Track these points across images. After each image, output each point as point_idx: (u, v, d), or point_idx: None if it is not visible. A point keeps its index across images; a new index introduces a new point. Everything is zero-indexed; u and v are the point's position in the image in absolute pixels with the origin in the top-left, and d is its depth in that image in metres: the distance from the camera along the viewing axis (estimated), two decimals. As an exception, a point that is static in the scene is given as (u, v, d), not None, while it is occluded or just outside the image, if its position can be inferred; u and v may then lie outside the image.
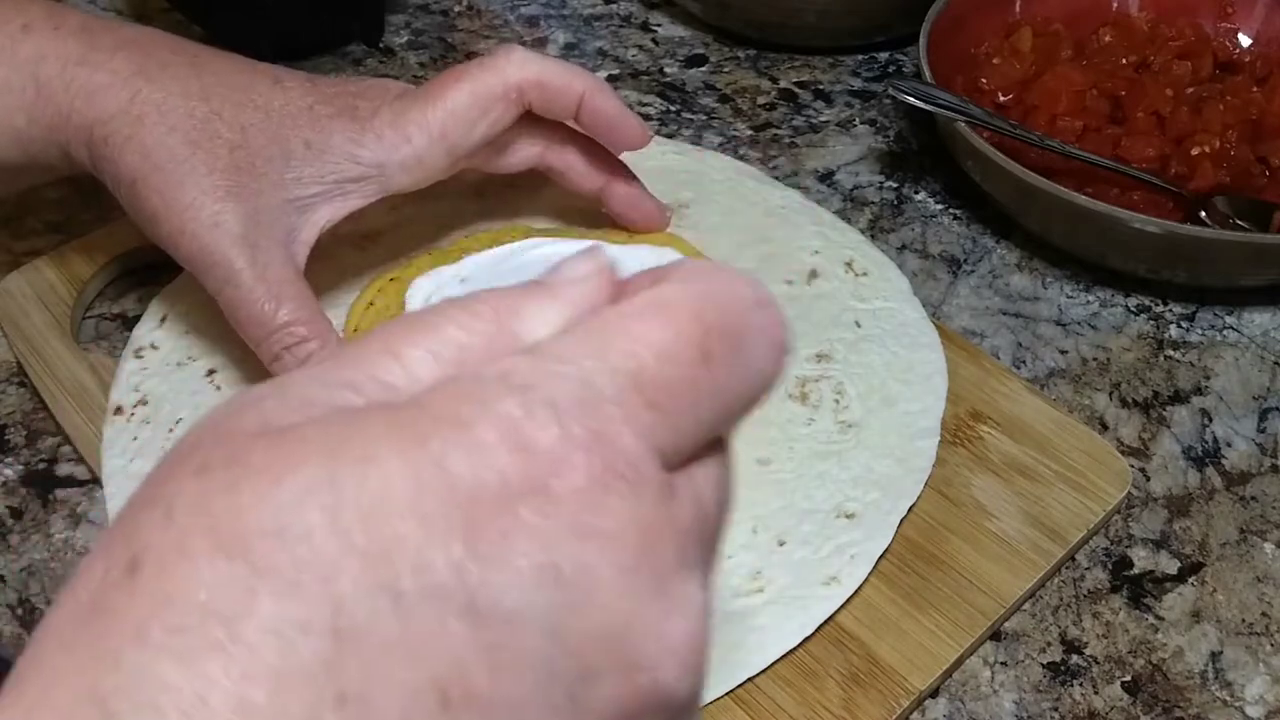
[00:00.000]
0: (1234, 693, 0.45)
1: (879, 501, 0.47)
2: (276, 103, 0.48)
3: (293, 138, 0.47)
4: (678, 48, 0.75)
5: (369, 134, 0.48)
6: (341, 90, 0.49)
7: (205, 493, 0.20)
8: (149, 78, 0.47)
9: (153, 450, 0.49)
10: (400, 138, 0.48)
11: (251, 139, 0.47)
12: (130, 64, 0.47)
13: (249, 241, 0.46)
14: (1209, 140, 0.62)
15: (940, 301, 0.59)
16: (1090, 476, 0.49)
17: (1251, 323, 0.59)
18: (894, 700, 0.43)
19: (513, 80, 0.49)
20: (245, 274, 0.46)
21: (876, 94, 0.72)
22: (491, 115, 0.49)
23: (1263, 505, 0.51)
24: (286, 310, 0.46)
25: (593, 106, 0.51)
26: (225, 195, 0.46)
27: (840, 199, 0.65)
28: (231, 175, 0.46)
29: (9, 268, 0.57)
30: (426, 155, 0.49)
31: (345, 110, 0.48)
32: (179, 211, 0.46)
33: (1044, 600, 0.47)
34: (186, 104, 0.46)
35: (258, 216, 0.46)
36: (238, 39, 0.72)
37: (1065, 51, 0.67)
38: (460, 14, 0.78)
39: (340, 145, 0.48)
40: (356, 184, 0.48)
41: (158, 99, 0.46)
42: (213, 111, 0.47)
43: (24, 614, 0.46)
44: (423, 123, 0.48)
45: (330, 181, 0.48)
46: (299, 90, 0.48)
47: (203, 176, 0.46)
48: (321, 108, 0.48)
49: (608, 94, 0.51)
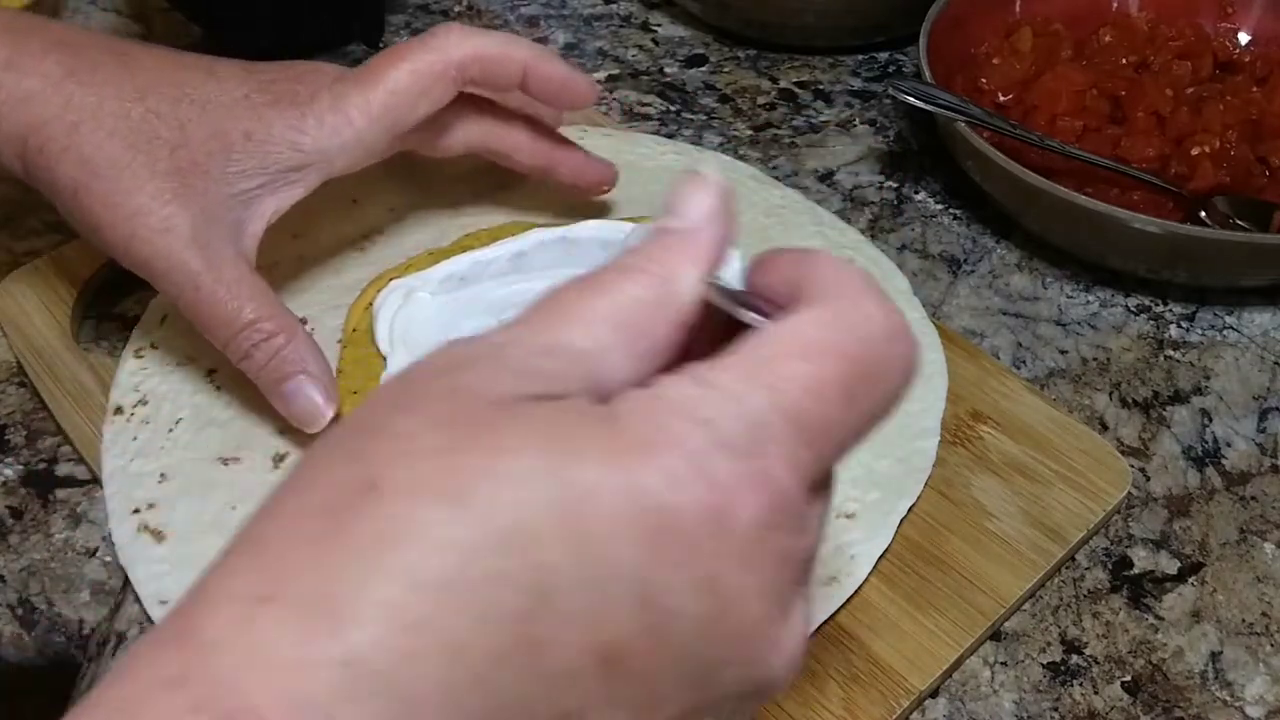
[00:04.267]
0: (1234, 693, 0.45)
1: (879, 501, 0.47)
2: (213, 95, 0.47)
3: (232, 130, 0.46)
4: (678, 48, 0.75)
5: (310, 119, 0.47)
6: (278, 76, 0.48)
7: (448, 449, 0.23)
8: (81, 81, 0.45)
9: (153, 450, 0.49)
10: (342, 120, 0.47)
11: (191, 136, 0.46)
12: (61, 67, 0.46)
13: (200, 242, 0.45)
14: (1209, 140, 0.62)
15: (940, 301, 0.59)
16: (1090, 476, 0.49)
17: (1251, 323, 0.59)
18: (894, 700, 0.43)
19: (453, 57, 0.49)
20: (203, 276, 0.45)
21: (876, 94, 0.72)
22: (433, 93, 0.49)
23: (1263, 505, 0.51)
24: (250, 308, 0.46)
25: (539, 73, 0.51)
26: (171, 198, 0.45)
27: (840, 199, 0.65)
28: (175, 177, 0.45)
29: (9, 268, 0.57)
30: (367, 136, 0.48)
31: (284, 96, 0.47)
32: (126, 219, 0.45)
33: (1044, 600, 0.47)
34: (121, 105, 0.45)
35: (206, 216, 0.45)
36: (238, 39, 0.72)
37: (1065, 51, 0.67)
38: (460, 14, 0.78)
39: (282, 134, 0.47)
40: (299, 172, 0.48)
41: (92, 103, 0.45)
42: (149, 110, 0.46)
43: (24, 614, 0.46)
44: (363, 104, 0.48)
45: (273, 171, 0.47)
46: (234, 80, 0.48)
47: (146, 181, 0.45)
48: (258, 96, 0.47)
49: (551, 58, 0.51)
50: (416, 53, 0.49)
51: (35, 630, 0.45)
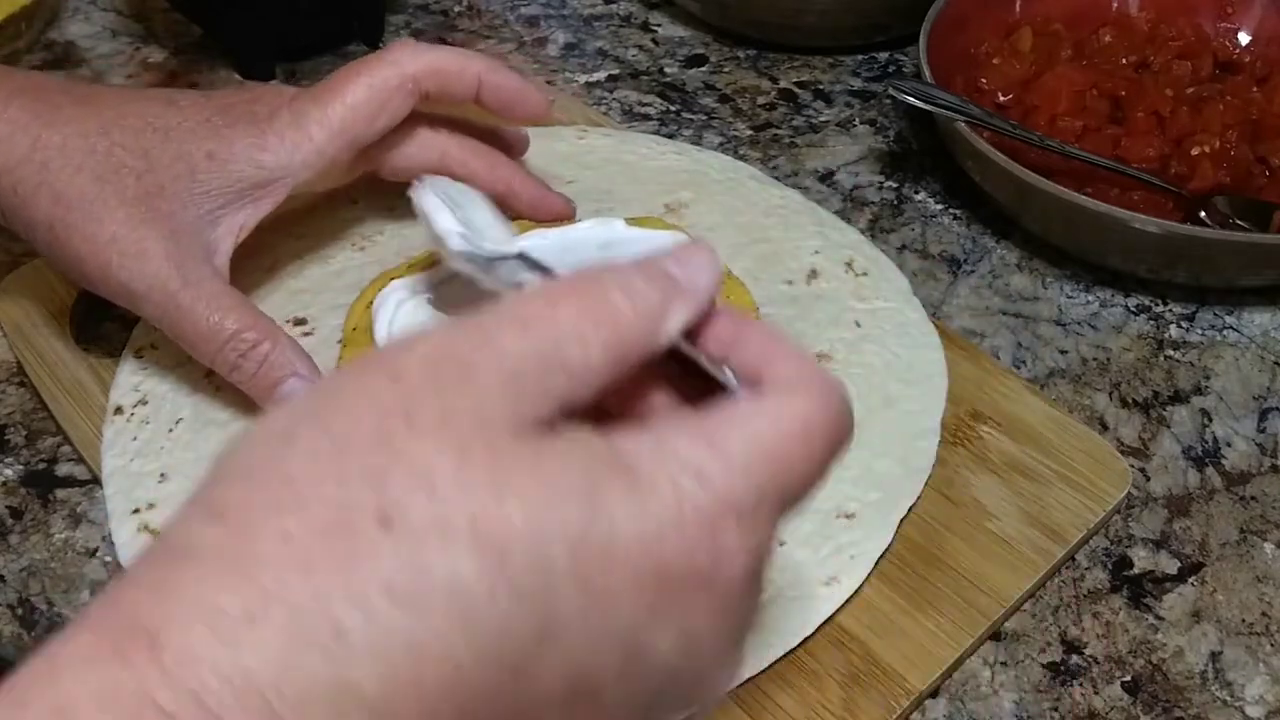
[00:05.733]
0: (1234, 693, 0.45)
1: (879, 501, 0.47)
2: (174, 122, 0.48)
3: (195, 152, 0.47)
4: (678, 48, 0.75)
5: (270, 136, 0.48)
6: (236, 100, 0.50)
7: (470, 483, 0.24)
8: (47, 122, 0.47)
9: (152, 450, 0.49)
10: (302, 136, 0.48)
11: (155, 161, 0.47)
12: (26, 112, 0.47)
13: (175, 262, 0.46)
14: (1209, 140, 0.62)
15: (940, 301, 0.59)
16: (1090, 476, 0.49)
17: (1251, 323, 0.59)
18: (894, 700, 0.43)
19: (409, 70, 0.50)
20: (182, 295, 0.46)
21: (876, 94, 0.72)
22: (390, 107, 0.50)
23: (1263, 505, 0.51)
24: (233, 320, 0.46)
25: (492, 84, 0.52)
26: (141, 223, 0.46)
27: (840, 199, 0.65)
28: (144, 202, 0.46)
29: (9, 268, 0.57)
30: (328, 149, 0.49)
31: (243, 117, 0.49)
32: (101, 248, 0.46)
33: (1044, 600, 0.47)
34: (87, 142, 0.47)
35: (177, 236, 0.47)
36: (238, 39, 0.72)
37: (1065, 51, 0.67)
38: (460, 14, 0.78)
39: (243, 151, 0.48)
40: (264, 188, 0.49)
41: (58, 141, 0.46)
42: (114, 144, 0.47)
43: (24, 614, 0.46)
44: (323, 120, 0.49)
45: (238, 189, 0.48)
46: (194, 108, 0.49)
47: (116, 209, 0.46)
48: (218, 119, 0.48)
49: (504, 71, 0.52)
50: (373, 67, 0.50)
51: (35, 630, 0.45)
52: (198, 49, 0.74)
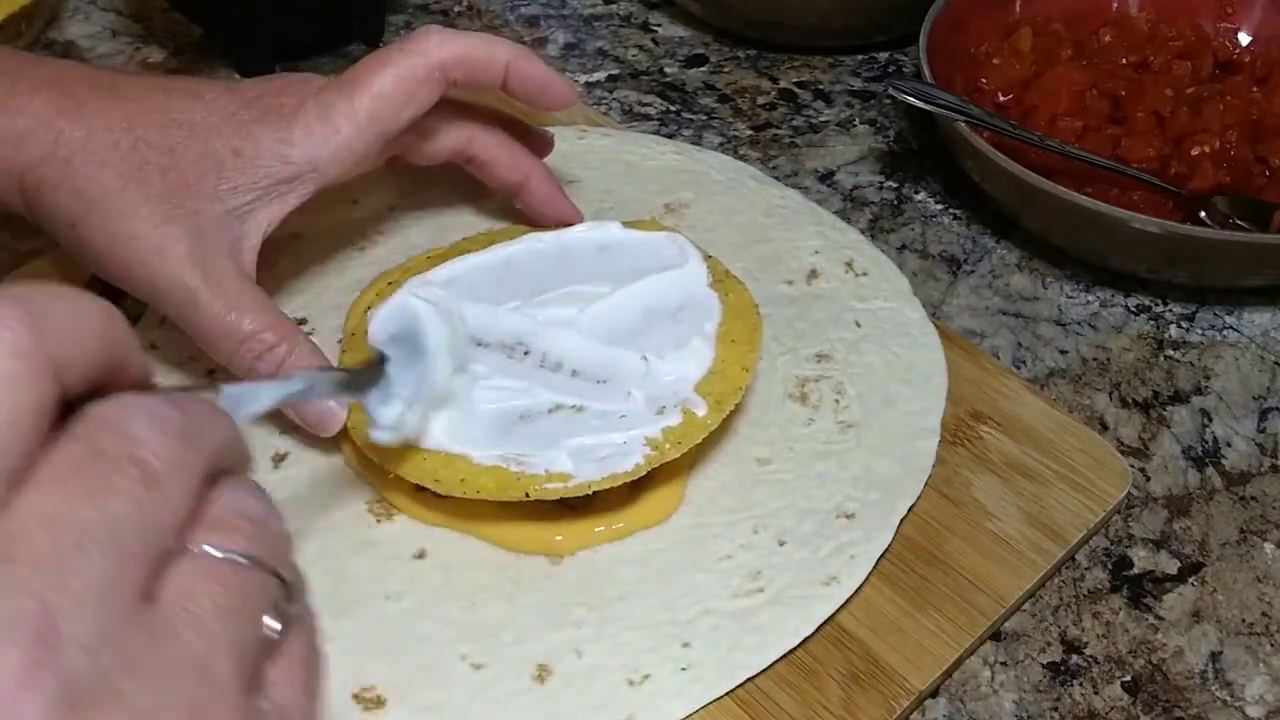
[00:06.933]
0: (1234, 693, 0.45)
1: (879, 501, 0.47)
2: (199, 117, 0.47)
3: (221, 148, 0.47)
4: (678, 48, 0.75)
5: (297, 130, 0.47)
6: (262, 91, 0.49)
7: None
8: (70, 117, 0.46)
9: (153, 450, 0.48)
10: (329, 130, 0.48)
11: (180, 158, 0.46)
12: (50, 105, 0.46)
13: (196, 260, 0.46)
14: (1209, 140, 0.62)
15: (940, 301, 0.59)
16: (1090, 476, 0.49)
17: (1251, 323, 0.59)
18: (894, 700, 0.43)
19: (435, 59, 0.49)
20: (201, 293, 0.46)
21: (876, 94, 0.72)
22: (418, 98, 0.49)
23: (1263, 505, 0.51)
24: (250, 320, 0.46)
25: (520, 73, 0.51)
26: (165, 220, 0.46)
27: (840, 199, 0.65)
28: (168, 199, 0.46)
29: (9, 268, 0.57)
30: (356, 143, 0.48)
31: (270, 111, 0.48)
32: (124, 244, 0.46)
33: (1044, 600, 0.47)
34: (110, 136, 0.46)
35: (201, 234, 0.46)
36: (238, 39, 0.72)
37: (1065, 51, 0.67)
38: (460, 14, 0.78)
39: (270, 147, 0.47)
40: (290, 184, 0.48)
41: (81, 137, 0.46)
42: (138, 138, 0.46)
43: (24, 614, 0.46)
44: (350, 112, 0.48)
45: (265, 185, 0.47)
46: (220, 100, 0.48)
47: (140, 206, 0.45)
48: (245, 113, 0.48)
49: (532, 59, 0.51)
50: (399, 57, 0.49)
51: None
52: (198, 49, 0.74)
